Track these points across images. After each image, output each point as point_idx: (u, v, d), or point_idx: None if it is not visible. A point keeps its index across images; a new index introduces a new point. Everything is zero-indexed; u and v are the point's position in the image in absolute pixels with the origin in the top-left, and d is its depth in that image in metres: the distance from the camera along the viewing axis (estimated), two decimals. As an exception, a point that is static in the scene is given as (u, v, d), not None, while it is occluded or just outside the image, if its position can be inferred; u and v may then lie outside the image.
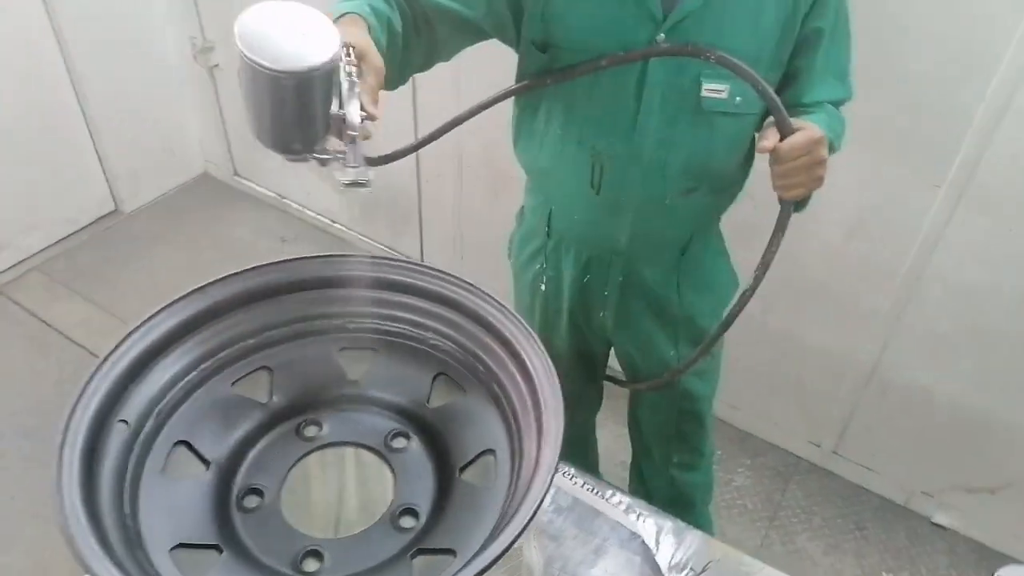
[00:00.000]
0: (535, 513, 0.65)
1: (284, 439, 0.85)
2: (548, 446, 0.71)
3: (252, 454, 0.83)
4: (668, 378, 1.23)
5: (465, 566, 0.62)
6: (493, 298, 0.87)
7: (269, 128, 0.76)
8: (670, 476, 1.43)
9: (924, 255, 1.58)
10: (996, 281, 1.53)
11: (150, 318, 0.81)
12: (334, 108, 0.75)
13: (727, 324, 1.11)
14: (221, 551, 0.73)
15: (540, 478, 0.68)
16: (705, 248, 1.21)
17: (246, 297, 0.89)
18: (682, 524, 0.93)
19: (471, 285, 0.89)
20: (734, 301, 1.10)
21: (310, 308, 0.91)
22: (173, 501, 0.76)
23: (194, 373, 0.85)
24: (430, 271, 0.91)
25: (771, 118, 0.96)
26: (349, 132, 0.75)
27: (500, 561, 0.62)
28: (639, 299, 1.22)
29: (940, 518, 1.89)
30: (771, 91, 0.93)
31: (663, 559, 0.89)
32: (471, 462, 0.82)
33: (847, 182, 1.58)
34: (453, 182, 2.20)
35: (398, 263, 0.92)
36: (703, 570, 0.88)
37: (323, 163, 0.79)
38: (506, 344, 0.84)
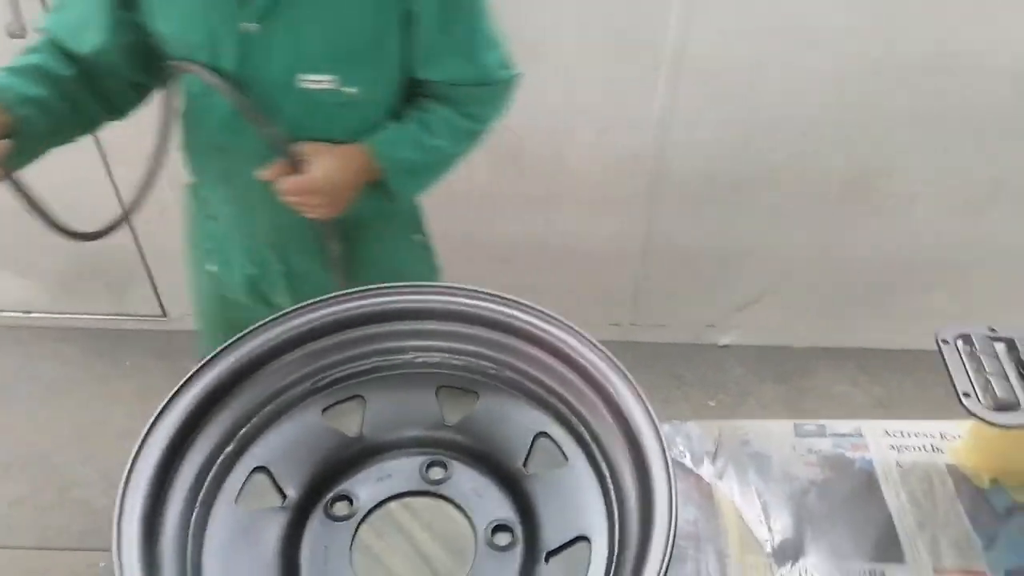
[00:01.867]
0: (670, 463, 0.66)
1: (323, 531, 0.74)
2: (626, 397, 0.72)
3: (304, 563, 0.71)
4: None
5: (646, 545, 0.62)
6: (458, 287, 0.83)
7: None
8: None
9: (663, 131, 1.81)
10: (723, 137, 1.82)
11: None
12: None
13: None
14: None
15: (644, 424, 0.69)
16: (381, 236, 1.19)
17: (197, 406, 0.73)
18: (676, 422, 1.01)
19: (428, 286, 0.83)
20: None
21: (271, 385, 0.78)
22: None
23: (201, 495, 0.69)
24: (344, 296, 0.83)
25: None
26: None
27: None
28: (309, 286, 1.10)
29: (725, 340, 2.26)
30: (270, 128, 0.97)
31: (679, 459, 0.97)
32: (529, 454, 0.79)
33: (588, 79, 1.74)
34: (174, 209, 1.94)
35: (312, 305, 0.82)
36: (716, 451, 0.97)
37: None
38: (494, 325, 0.81)
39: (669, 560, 0.61)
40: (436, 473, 0.79)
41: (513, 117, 1.82)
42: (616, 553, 0.69)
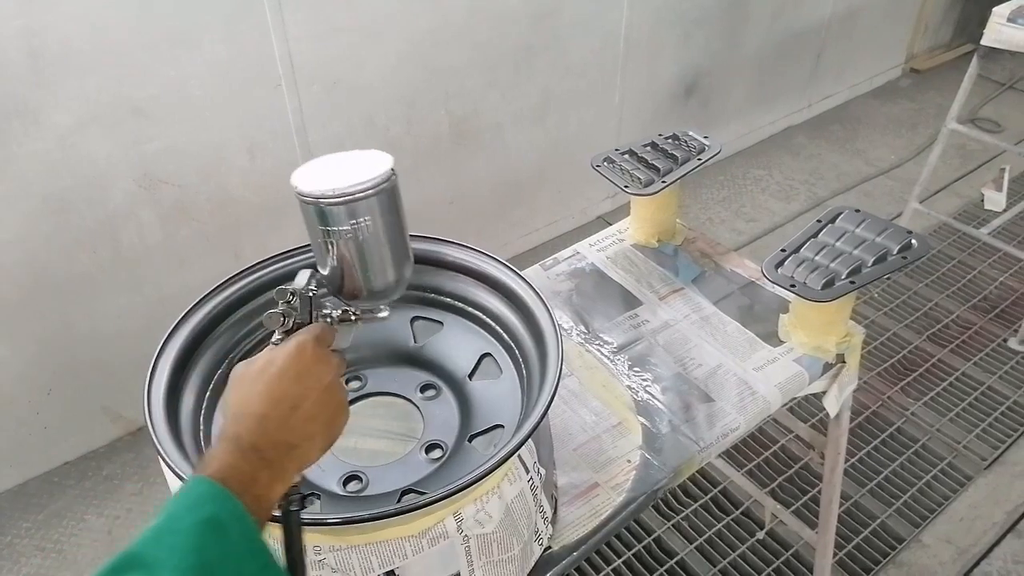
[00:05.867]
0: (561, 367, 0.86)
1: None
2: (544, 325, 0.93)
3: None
4: None
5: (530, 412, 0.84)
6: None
7: (392, 259, 0.78)
8: None
9: (303, 135, 2.07)
10: (352, 123, 2.15)
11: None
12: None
13: None
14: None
15: (552, 345, 0.89)
16: None
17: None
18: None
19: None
20: None
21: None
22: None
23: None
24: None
25: None
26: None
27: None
28: None
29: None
30: None
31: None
32: (475, 369, 1.00)
33: (225, 114, 1.91)
34: None
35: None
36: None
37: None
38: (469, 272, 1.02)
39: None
40: (355, 384, 1.01)
41: (166, 169, 1.95)
42: (518, 353, 0.98)
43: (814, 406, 2.12)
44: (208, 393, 0.91)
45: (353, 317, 0.78)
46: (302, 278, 0.75)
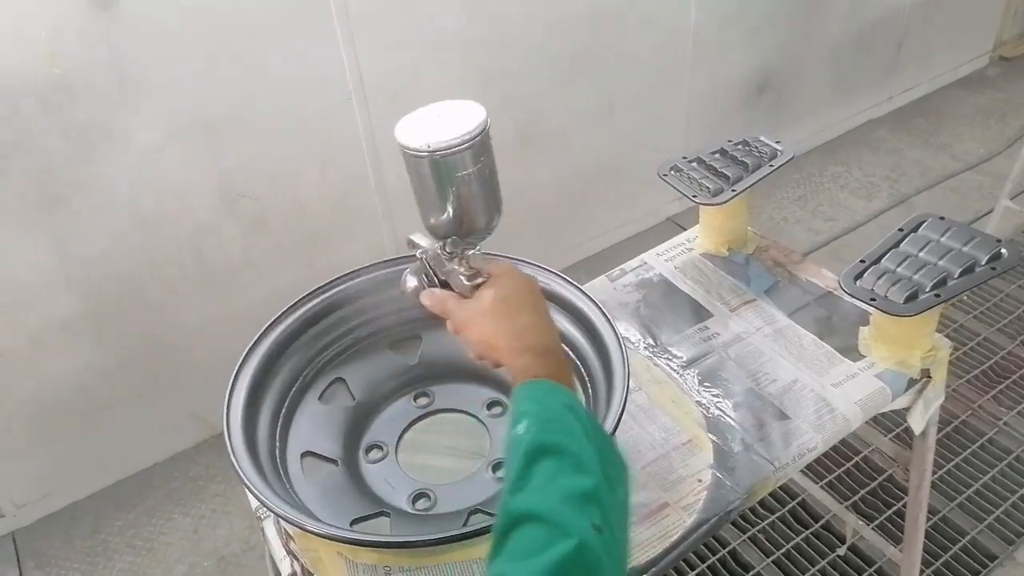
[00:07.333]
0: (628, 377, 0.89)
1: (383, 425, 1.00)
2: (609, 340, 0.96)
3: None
4: None
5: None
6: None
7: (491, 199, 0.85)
8: None
9: (373, 147, 2.11)
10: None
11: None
12: None
13: None
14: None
15: (618, 364, 0.92)
16: None
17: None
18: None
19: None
20: None
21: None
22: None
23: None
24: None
25: None
26: None
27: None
28: None
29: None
30: None
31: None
32: None
33: (294, 128, 1.97)
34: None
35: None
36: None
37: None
38: None
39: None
40: (423, 401, 1.02)
41: (244, 183, 2.01)
42: (583, 370, 0.98)
43: (898, 415, 2.03)
44: (284, 408, 0.94)
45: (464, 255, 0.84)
46: (424, 240, 0.85)
